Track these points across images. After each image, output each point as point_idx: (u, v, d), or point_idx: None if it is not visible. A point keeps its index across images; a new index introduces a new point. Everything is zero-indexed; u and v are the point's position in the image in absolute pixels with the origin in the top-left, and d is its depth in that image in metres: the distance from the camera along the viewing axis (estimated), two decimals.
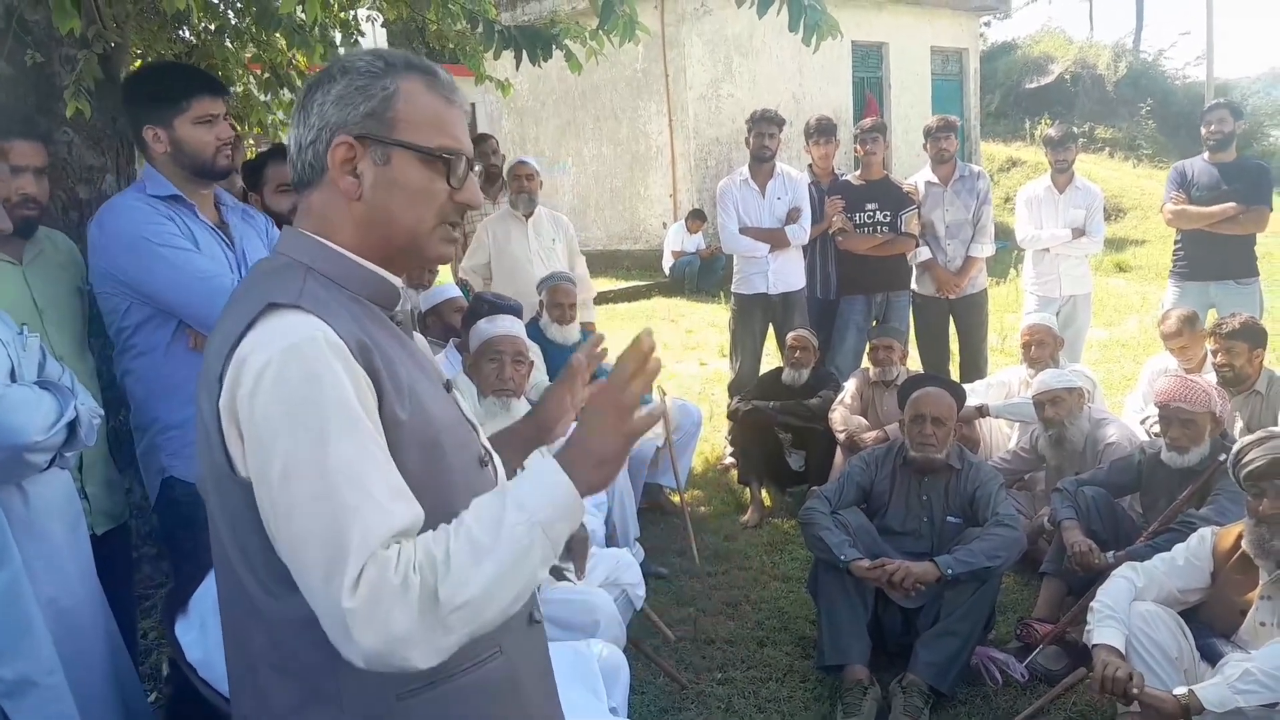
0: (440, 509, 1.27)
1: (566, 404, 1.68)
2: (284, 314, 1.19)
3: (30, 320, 2.41)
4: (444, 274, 6.21)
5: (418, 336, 1.50)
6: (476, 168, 1.40)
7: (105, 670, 2.16)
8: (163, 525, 2.65)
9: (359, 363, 1.19)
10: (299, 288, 1.22)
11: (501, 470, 1.51)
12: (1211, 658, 2.70)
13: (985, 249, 5.74)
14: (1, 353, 2.00)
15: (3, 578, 1.94)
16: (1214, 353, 4.24)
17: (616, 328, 10.58)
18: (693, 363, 8.83)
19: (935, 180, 5.76)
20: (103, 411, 2.29)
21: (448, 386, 1.43)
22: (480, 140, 6.37)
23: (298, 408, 1.13)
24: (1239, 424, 4.11)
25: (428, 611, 1.11)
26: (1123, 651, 2.65)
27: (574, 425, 1.31)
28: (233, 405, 1.17)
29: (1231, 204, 5.38)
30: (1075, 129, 6.26)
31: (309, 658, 1.19)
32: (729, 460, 5.76)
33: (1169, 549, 2.96)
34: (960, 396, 3.92)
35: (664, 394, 5.05)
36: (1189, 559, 2.87)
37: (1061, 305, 5.79)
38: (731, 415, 5.46)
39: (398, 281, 1.37)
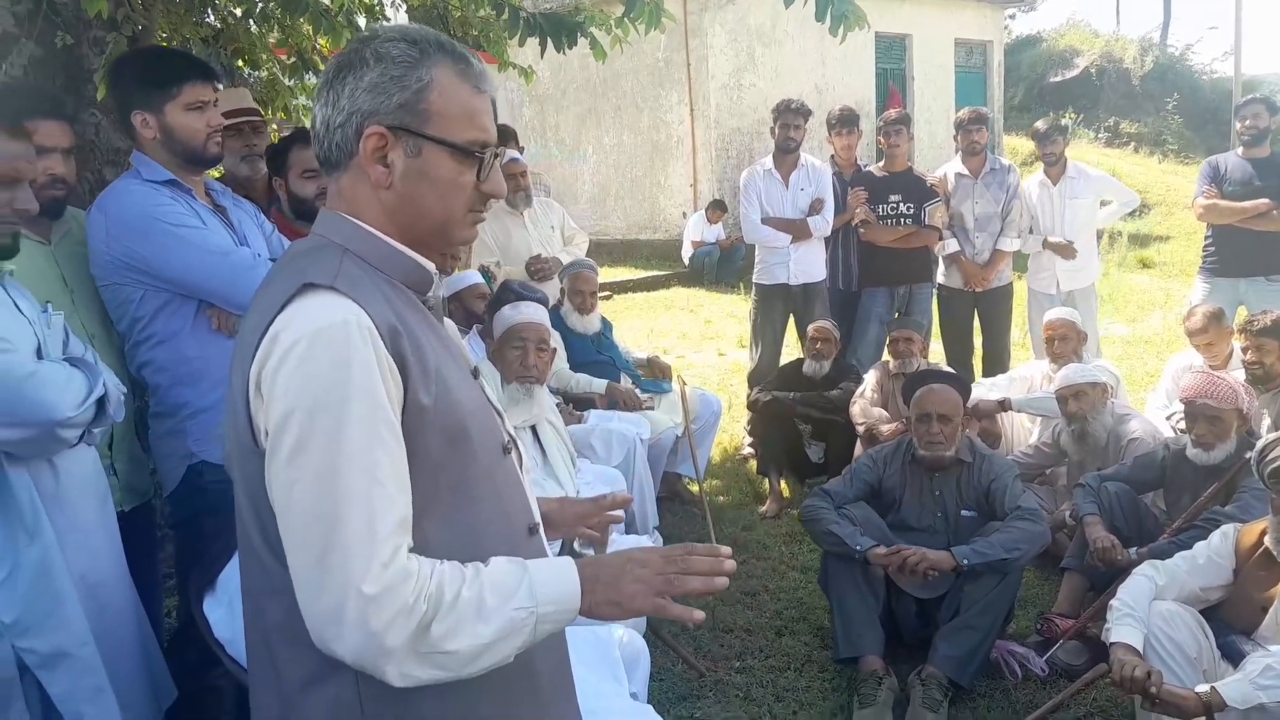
0: (460, 491, 1.29)
1: (574, 524, 1.73)
2: (319, 294, 1.21)
3: (61, 299, 2.43)
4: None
5: (447, 322, 1.50)
6: (504, 155, 1.41)
7: (133, 644, 2.18)
8: (183, 510, 2.65)
9: (388, 348, 1.21)
10: (335, 269, 1.24)
11: (525, 457, 1.52)
12: (1233, 656, 2.68)
13: (1012, 242, 5.70)
14: (28, 330, 2.02)
15: (35, 552, 1.96)
16: (1244, 350, 4.20)
17: (635, 317, 10.59)
18: (711, 353, 8.82)
19: (965, 172, 5.72)
20: (126, 388, 2.30)
21: (475, 373, 1.44)
22: (499, 132, 6.34)
23: (321, 389, 1.16)
24: (1266, 421, 4.07)
25: (417, 639, 1.15)
26: (1140, 650, 2.63)
27: (618, 544, 1.33)
28: (259, 377, 1.19)
29: (1265, 200, 5.30)
30: (1065, 121, 6.18)
31: None
32: (748, 450, 5.76)
33: (1192, 546, 2.93)
34: (965, 389, 3.87)
35: (683, 383, 5.06)
36: (1210, 557, 2.85)
37: (1062, 301, 5.69)
38: (751, 406, 5.46)
39: (431, 266, 1.38)
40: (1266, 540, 2.71)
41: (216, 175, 3.30)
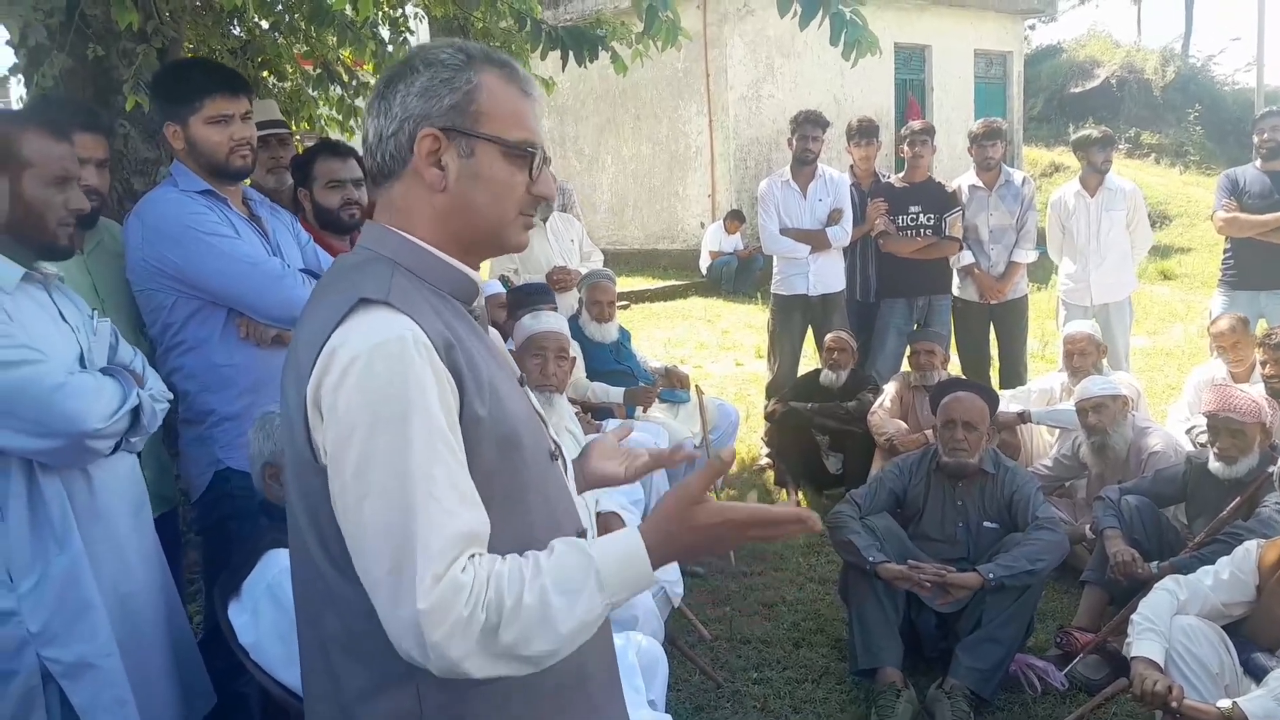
0: (513, 499, 1.30)
1: (613, 474, 1.63)
2: (375, 310, 1.21)
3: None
4: (484, 270, 6.27)
5: (491, 331, 1.51)
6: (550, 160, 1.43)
7: (165, 653, 2.18)
8: (209, 516, 2.68)
9: (444, 362, 1.21)
10: (388, 284, 1.24)
11: (570, 464, 1.53)
12: (1256, 673, 2.66)
13: (1028, 254, 5.69)
14: (71, 339, 2.03)
15: (63, 562, 1.97)
16: (1263, 363, 4.18)
17: (654, 327, 10.61)
18: (729, 363, 8.83)
19: (980, 184, 5.71)
20: (171, 395, 2.32)
21: (521, 381, 1.45)
22: None
23: (381, 404, 1.16)
24: None
25: (486, 643, 1.15)
26: (1161, 665, 2.62)
27: (676, 502, 1.26)
28: (318, 394, 1.20)
29: None
30: (1114, 134, 6.10)
31: (385, 641, 1.20)
32: (765, 461, 5.76)
33: (1214, 561, 2.92)
34: (993, 401, 3.87)
35: (701, 393, 5.07)
36: (1233, 572, 2.84)
37: (1095, 314, 5.67)
38: (768, 416, 5.46)
39: (477, 277, 1.39)
40: None
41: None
